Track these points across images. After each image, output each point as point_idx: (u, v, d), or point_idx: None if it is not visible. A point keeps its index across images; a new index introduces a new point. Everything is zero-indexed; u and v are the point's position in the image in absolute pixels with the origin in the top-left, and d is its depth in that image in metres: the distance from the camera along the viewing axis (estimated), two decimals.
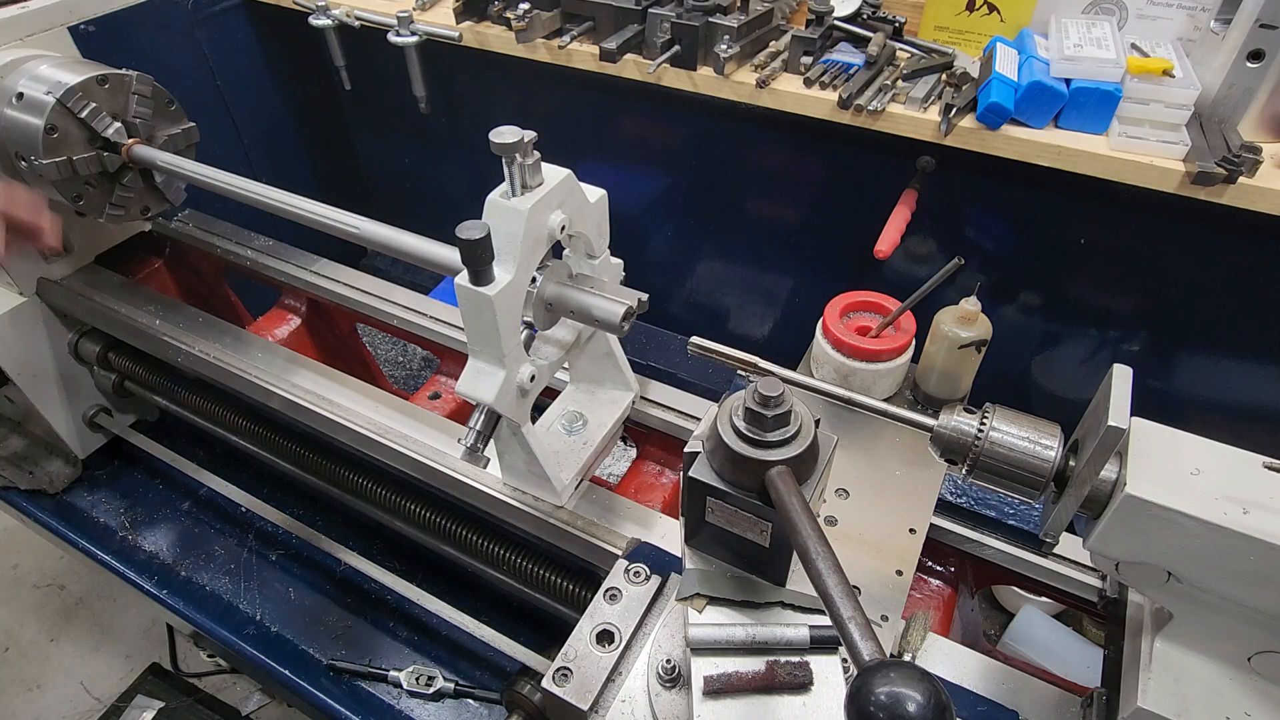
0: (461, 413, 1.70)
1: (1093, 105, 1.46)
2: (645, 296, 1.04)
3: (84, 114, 1.36)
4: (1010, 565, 1.18)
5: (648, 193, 2.23)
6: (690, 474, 0.80)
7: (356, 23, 2.04)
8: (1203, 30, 1.53)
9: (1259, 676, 0.79)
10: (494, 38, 1.92)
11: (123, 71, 1.44)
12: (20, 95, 1.37)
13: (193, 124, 1.55)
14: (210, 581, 1.65)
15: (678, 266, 2.34)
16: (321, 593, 1.62)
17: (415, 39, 1.99)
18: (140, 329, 1.56)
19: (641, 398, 1.35)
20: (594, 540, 1.14)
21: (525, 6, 1.82)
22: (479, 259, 0.89)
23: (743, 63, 1.72)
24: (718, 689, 0.78)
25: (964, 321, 1.16)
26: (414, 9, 2.01)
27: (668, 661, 0.90)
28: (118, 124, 1.41)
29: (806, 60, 1.68)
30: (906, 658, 0.99)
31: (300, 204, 1.23)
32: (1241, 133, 1.44)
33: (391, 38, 1.99)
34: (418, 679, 1.44)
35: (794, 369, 0.94)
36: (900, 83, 1.63)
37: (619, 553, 1.10)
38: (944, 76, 1.61)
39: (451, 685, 1.43)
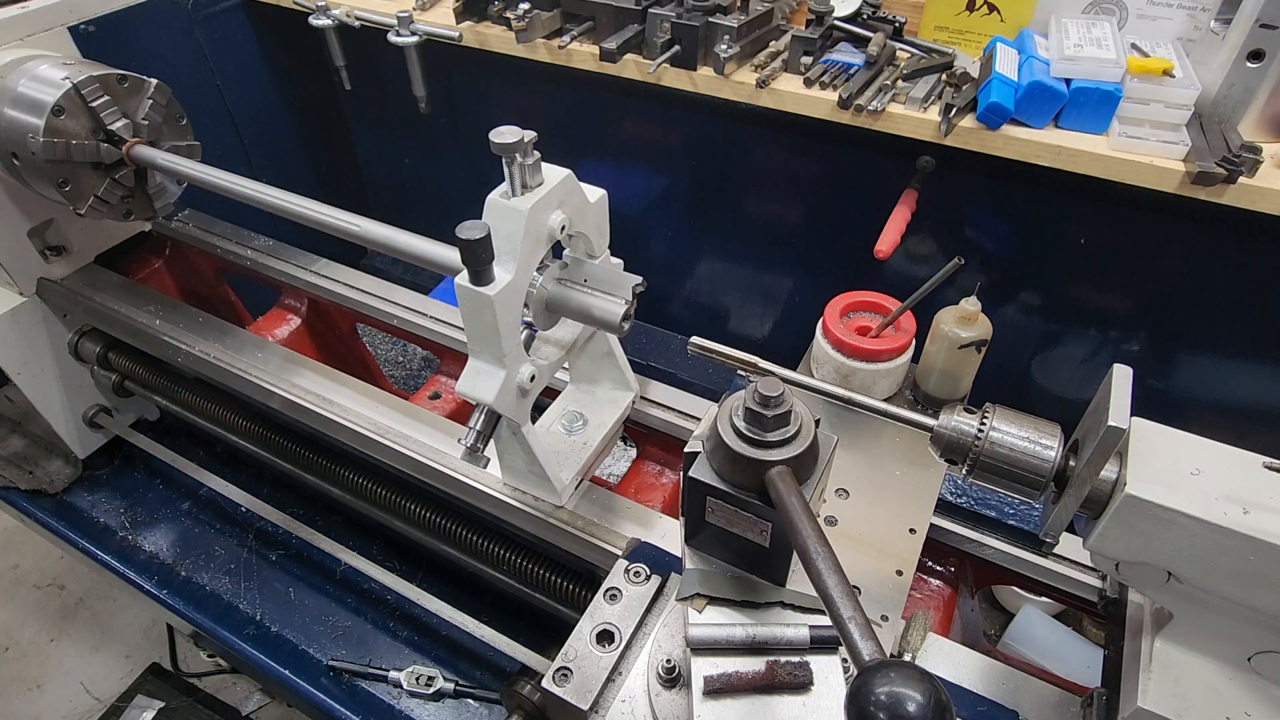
0: (461, 413, 1.70)
1: (1093, 105, 1.46)
2: (641, 280, 1.04)
3: (95, 103, 1.37)
4: (1010, 565, 1.18)
5: (648, 193, 2.23)
6: (690, 474, 0.80)
7: (356, 23, 2.05)
8: (1203, 30, 1.53)
9: (1259, 676, 0.79)
10: (494, 38, 1.92)
11: (143, 77, 1.45)
12: (21, 92, 1.37)
13: (197, 143, 1.56)
14: (210, 581, 1.65)
15: (678, 266, 2.34)
16: (321, 593, 1.62)
17: (415, 39, 1.99)
18: (140, 329, 1.56)
19: (641, 398, 1.35)
20: (594, 540, 1.14)
21: (525, 6, 1.82)
22: (479, 259, 0.89)
23: (743, 63, 1.72)
24: (718, 689, 0.78)
25: (964, 321, 1.16)
26: (414, 9, 2.01)
27: (668, 661, 0.90)
28: (125, 121, 1.42)
29: (806, 60, 1.68)
30: (906, 658, 0.99)
31: (300, 204, 1.23)
32: (1241, 133, 1.44)
33: (391, 38, 1.99)
34: (417, 679, 1.44)
35: (794, 369, 0.94)
36: (900, 83, 1.63)
37: (619, 553, 1.10)
38: (944, 76, 1.61)
39: (451, 685, 1.43)
